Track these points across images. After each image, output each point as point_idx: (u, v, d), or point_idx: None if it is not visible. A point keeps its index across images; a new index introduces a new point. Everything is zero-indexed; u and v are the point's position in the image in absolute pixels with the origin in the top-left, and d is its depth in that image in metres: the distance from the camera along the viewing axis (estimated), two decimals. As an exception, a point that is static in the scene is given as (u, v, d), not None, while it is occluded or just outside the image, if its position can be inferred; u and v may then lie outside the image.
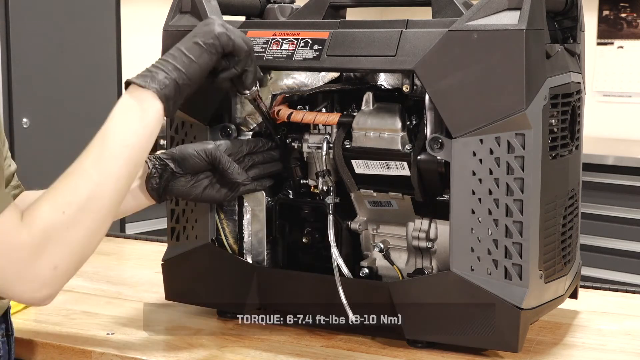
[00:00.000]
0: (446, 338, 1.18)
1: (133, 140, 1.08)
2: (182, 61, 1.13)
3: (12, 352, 1.18)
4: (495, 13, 1.11)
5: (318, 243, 1.31)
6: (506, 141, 1.11)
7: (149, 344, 1.23)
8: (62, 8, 2.78)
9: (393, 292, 1.20)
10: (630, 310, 1.41)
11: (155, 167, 1.23)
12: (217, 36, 1.15)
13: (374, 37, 1.19)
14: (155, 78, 1.11)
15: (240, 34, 1.18)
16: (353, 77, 1.27)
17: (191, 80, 1.13)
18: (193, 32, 1.17)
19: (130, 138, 1.08)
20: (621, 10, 4.29)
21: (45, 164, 2.69)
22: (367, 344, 1.23)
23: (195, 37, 1.15)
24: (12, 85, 2.62)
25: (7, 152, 1.28)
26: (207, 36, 1.15)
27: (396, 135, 1.21)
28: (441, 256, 1.24)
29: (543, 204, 1.14)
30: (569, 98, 1.22)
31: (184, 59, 1.13)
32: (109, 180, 1.05)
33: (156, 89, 1.10)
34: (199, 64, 1.14)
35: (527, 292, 1.13)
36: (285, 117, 1.27)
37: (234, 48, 1.16)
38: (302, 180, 1.32)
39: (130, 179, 1.09)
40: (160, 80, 1.10)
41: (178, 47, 1.14)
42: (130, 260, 1.73)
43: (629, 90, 4.30)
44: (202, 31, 1.15)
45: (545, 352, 1.21)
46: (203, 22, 1.18)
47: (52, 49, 2.76)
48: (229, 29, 1.17)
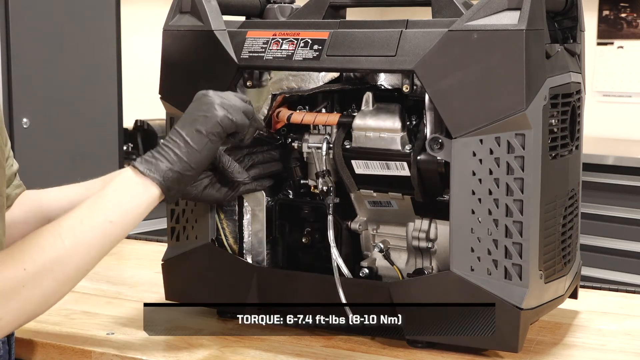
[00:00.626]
0: (446, 338, 1.18)
1: (118, 218, 1.08)
2: (186, 152, 1.11)
3: (12, 352, 1.18)
4: (495, 13, 1.11)
5: (318, 243, 1.31)
6: (506, 141, 1.11)
7: (149, 344, 1.23)
8: (62, 8, 2.78)
9: (393, 292, 1.20)
10: (630, 310, 1.41)
11: None
12: (220, 123, 1.12)
13: (374, 37, 1.19)
14: (159, 168, 1.10)
15: (240, 106, 1.15)
16: (353, 77, 1.27)
17: (195, 170, 1.12)
18: (193, 112, 1.13)
19: (116, 216, 1.08)
20: (621, 10, 4.29)
21: (45, 164, 2.69)
22: (367, 344, 1.23)
23: (197, 124, 1.12)
24: (12, 85, 2.62)
25: (9, 152, 1.28)
26: (209, 124, 1.12)
27: (396, 135, 1.21)
28: (441, 256, 1.24)
29: (543, 204, 1.14)
30: (569, 98, 1.22)
31: (188, 149, 1.11)
32: (80, 250, 1.05)
33: (159, 180, 1.09)
34: (203, 154, 1.12)
35: (527, 292, 1.13)
36: (285, 118, 1.27)
37: (237, 129, 1.15)
38: (302, 180, 1.32)
39: (103, 254, 1.09)
40: (163, 171, 1.10)
41: (180, 134, 1.12)
42: (130, 260, 1.73)
43: (629, 90, 4.30)
44: (204, 116, 1.12)
45: (545, 352, 1.21)
46: (202, 101, 1.14)
47: (52, 49, 2.76)
48: (230, 108, 1.14)
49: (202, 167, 1.13)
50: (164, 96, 1.34)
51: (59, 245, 1.04)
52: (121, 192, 1.09)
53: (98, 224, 1.06)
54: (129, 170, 1.11)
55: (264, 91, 1.28)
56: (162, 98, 1.34)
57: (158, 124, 3.45)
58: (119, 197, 1.09)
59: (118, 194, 1.09)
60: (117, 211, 1.08)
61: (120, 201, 1.09)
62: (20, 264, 1.02)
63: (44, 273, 1.03)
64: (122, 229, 1.09)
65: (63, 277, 1.05)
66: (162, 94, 1.34)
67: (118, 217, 1.08)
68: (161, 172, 1.10)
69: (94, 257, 1.07)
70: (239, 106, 1.15)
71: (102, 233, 1.07)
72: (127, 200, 1.09)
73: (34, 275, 1.02)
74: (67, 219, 1.06)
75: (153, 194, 1.10)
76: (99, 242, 1.07)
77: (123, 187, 1.10)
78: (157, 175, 1.09)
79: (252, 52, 1.26)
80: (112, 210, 1.08)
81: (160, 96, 1.34)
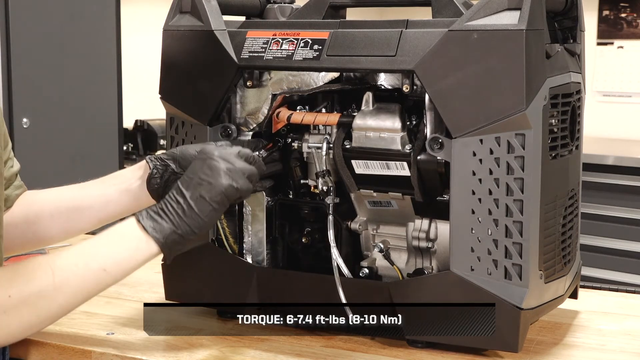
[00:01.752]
0: (446, 338, 1.18)
1: (112, 268, 1.09)
2: (189, 216, 1.10)
3: (7, 352, 1.18)
4: (495, 13, 1.11)
5: (318, 243, 1.31)
6: (506, 141, 1.11)
7: (149, 344, 1.23)
8: (62, 8, 2.78)
9: (393, 292, 1.20)
10: (630, 310, 1.41)
11: (157, 167, 1.23)
12: (224, 192, 1.11)
13: (374, 37, 1.19)
14: (162, 228, 1.10)
15: (245, 171, 1.14)
16: (353, 77, 1.27)
17: (197, 234, 1.12)
18: (199, 175, 1.12)
19: (111, 265, 1.09)
20: (621, 10, 4.29)
21: (45, 164, 2.69)
22: (367, 344, 1.23)
23: (201, 189, 1.11)
24: (12, 85, 2.62)
25: (10, 153, 1.28)
26: (213, 192, 1.11)
27: (396, 135, 1.21)
28: (441, 256, 1.24)
29: (543, 204, 1.14)
30: (569, 98, 1.22)
31: (191, 214, 1.10)
32: (67, 291, 1.06)
33: (161, 242, 1.09)
34: (206, 220, 1.12)
35: (527, 292, 1.13)
36: (285, 118, 1.27)
37: (240, 195, 1.14)
38: (302, 180, 1.32)
39: (88, 298, 1.09)
40: (166, 233, 1.10)
41: (185, 197, 1.11)
42: (130, 260, 1.73)
43: (629, 90, 4.30)
44: (208, 183, 1.11)
45: (545, 352, 1.21)
46: (208, 165, 1.12)
47: (52, 49, 2.76)
48: (235, 175, 1.12)
49: (204, 231, 1.13)
50: (164, 96, 1.34)
51: (49, 281, 1.05)
52: (121, 243, 1.10)
53: (91, 270, 1.08)
54: (133, 222, 1.10)
55: (264, 91, 1.28)
56: (162, 98, 1.34)
57: (158, 124, 3.46)
58: (118, 247, 1.10)
59: (118, 244, 1.10)
60: (113, 261, 1.09)
61: (119, 252, 1.10)
62: (7, 289, 1.03)
63: (27, 305, 1.04)
64: (113, 279, 1.10)
65: (44, 313, 1.06)
66: (162, 94, 1.34)
67: (113, 267, 1.09)
68: (164, 233, 1.10)
69: (79, 300, 1.08)
70: (244, 171, 1.14)
71: (94, 279, 1.08)
72: (126, 253, 1.10)
73: (17, 305, 1.03)
74: (63, 257, 1.07)
75: (152, 251, 1.10)
76: (87, 287, 1.08)
77: (124, 238, 1.10)
78: (159, 237, 1.10)
79: (252, 52, 1.26)
80: (108, 259, 1.09)
81: (160, 96, 1.34)
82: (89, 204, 1.29)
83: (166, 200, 1.12)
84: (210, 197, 1.11)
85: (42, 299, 1.05)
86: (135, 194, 1.26)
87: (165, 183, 1.23)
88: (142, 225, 1.10)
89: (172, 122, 1.34)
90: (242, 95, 1.30)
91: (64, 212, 1.30)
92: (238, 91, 1.30)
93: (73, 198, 1.30)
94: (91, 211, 1.29)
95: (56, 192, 1.32)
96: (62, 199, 1.30)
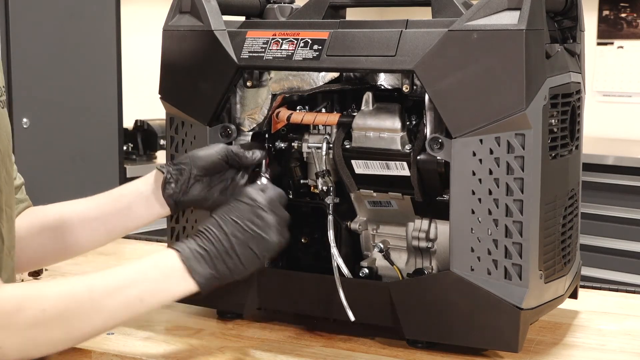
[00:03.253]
0: (446, 338, 1.18)
1: (149, 300, 1.08)
2: (235, 266, 1.10)
3: None
4: (495, 13, 1.11)
5: (318, 243, 1.31)
6: (506, 141, 1.11)
7: (149, 344, 1.23)
8: (62, 8, 2.78)
9: (393, 292, 1.20)
10: (630, 310, 1.41)
11: (170, 172, 1.22)
12: (274, 249, 1.12)
13: (374, 37, 1.19)
14: (205, 272, 1.08)
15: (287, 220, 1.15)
16: (353, 77, 1.27)
17: (235, 279, 1.12)
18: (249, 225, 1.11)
19: (149, 297, 1.08)
20: (621, 10, 4.29)
21: (45, 164, 2.69)
22: (367, 344, 1.23)
23: (252, 242, 1.11)
24: (12, 85, 2.62)
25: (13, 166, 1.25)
26: (263, 248, 1.11)
27: (396, 135, 1.21)
28: (441, 256, 1.24)
29: (543, 204, 1.14)
30: (569, 98, 1.22)
31: (238, 265, 1.10)
32: (103, 313, 1.04)
33: (202, 284, 1.08)
34: (249, 271, 1.12)
35: (527, 292, 1.13)
36: (285, 118, 1.27)
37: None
38: (302, 180, 1.32)
39: (120, 324, 1.08)
40: (208, 278, 1.09)
41: (233, 246, 1.10)
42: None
43: (629, 90, 4.30)
44: (260, 237, 1.11)
45: (545, 352, 1.21)
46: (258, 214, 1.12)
47: (52, 49, 2.76)
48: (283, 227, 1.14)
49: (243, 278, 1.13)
50: (164, 96, 1.34)
51: (86, 301, 1.04)
52: (162, 277, 1.08)
53: (129, 297, 1.06)
54: (175, 258, 1.08)
55: (264, 91, 1.28)
56: (162, 98, 1.34)
57: (158, 124, 3.45)
58: (158, 282, 1.08)
59: (158, 278, 1.08)
60: (151, 293, 1.08)
61: (158, 286, 1.08)
62: (42, 303, 1.01)
63: (60, 321, 1.02)
64: (147, 309, 1.09)
65: (76, 333, 1.05)
66: (162, 94, 1.34)
67: (150, 299, 1.08)
68: (206, 277, 1.09)
69: (110, 325, 1.07)
70: (287, 221, 1.15)
71: (130, 307, 1.07)
72: (165, 287, 1.08)
73: (50, 320, 1.01)
74: (104, 279, 1.06)
75: (191, 290, 1.09)
76: (122, 314, 1.06)
77: (165, 272, 1.08)
78: (202, 280, 1.09)
79: (252, 52, 1.26)
80: (147, 290, 1.07)
81: (160, 96, 1.34)
82: (95, 215, 1.26)
83: (212, 239, 1.10)
84: (260, 252, 1.11)
85: (77, 318, 1.03)
86: (149, 202, 1.24)
87: (181, 188, 1.22)
88: (187, 267, 1.08)
89: (172, 122, 1.34)
90: (242, 95, 1.30)
91: (71, 225, 1.26)
92: (238, 91, 1.30)
93: (89, 210, 1.27)
94: (98, 223, 1.27)
95: (72, 206, 1.29)
96: (79, 212, 1.27)
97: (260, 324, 1.30)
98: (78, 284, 1.05)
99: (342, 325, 1.24)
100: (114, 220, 1.26)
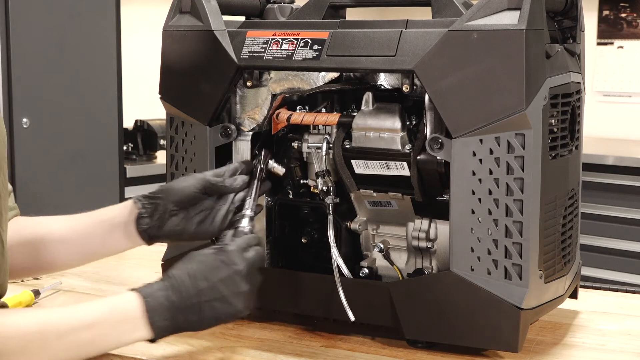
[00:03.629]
0: (446, 338, 1.18)
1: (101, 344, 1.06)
2: (194, 320, 1.08)
3: None
4: (495, 13, 1.11)
5: (318, 243, 1.31)
6: (506, 141, 1.11)
7: (149, 344, 1.23)
8: (62, 8, 2.78)
9: (393, 292, 1.20)
10: (630, 310, 1.41)
11: (145, 206, 1.21)
12: (237, 316, 1.11)
13: (374, 37, 1.19)
14: (163, 325, 1.07)
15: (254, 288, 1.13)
16: (353, 77, 1.27)
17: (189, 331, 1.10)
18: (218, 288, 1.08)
19: (100, 342, 1.05)
20: (621, 10, 4.29)
21: (45, 164, 2.69)
22: (367, 344, 1.23)
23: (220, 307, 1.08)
24: (12, 85, 2.62)
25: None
26: (226, 312, 1.09)
27: (396, 135, 1.21)
28: (441, 256, 1.24)
29: (543, 204, 1.14)
30: (569, 98, 1.22)
31: (198, 321, 1.08)
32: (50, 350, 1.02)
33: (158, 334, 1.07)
34: (205, 328, 1.10)
35: (527, 292, 1.13)
36: (285, 119, 1.27)
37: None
38: (302, 180, 1.32)
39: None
40: (165, 330, 1.07)
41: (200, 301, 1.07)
42: (130, 260, 1.73)
43: (629, 90, 4.30)
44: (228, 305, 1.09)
45: (545, 352, 1.21)
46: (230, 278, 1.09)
47: (52, 49, 2.76)
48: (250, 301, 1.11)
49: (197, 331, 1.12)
50: (163, 96, 1.34)
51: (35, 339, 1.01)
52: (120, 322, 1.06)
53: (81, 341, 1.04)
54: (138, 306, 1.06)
55: (264, 91, 1.28)
56: (162, 98, 1.34)
57: (158, 124, 3.46)
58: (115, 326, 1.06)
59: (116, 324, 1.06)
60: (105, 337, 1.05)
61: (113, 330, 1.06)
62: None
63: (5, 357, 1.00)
64: (98, 352, 1.07)
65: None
66: (162, 94, 1.34)
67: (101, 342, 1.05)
68: (164, 329, 1.07)
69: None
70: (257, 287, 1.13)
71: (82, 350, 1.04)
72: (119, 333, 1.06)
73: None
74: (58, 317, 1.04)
75: (144, 337, 1.07)
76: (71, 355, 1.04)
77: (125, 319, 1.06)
78: (159, 331, 1.07)
79: (252, 52, 1.26)
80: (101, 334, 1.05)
81: (160, 96, 1.34)
82: (72, 238, 1.24)
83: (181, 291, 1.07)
84: (222, 315, 1.09)
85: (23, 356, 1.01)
86: (129, 233, 1.22)
87: (156, 222, 1.20)
88: (149, 318, 1.06)
89: (172, 122, 1.34)
90: (242, 95, 1.30)
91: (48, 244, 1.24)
92: (238, 91, 1.30)
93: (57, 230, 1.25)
94: (74, 246, 1.25)
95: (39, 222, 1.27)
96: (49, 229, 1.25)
97: (260, 324, 1.30)
98: (32, 320, 1.03)
99: (342, 325, 1.24)
100: (91, 246, 1.25)
